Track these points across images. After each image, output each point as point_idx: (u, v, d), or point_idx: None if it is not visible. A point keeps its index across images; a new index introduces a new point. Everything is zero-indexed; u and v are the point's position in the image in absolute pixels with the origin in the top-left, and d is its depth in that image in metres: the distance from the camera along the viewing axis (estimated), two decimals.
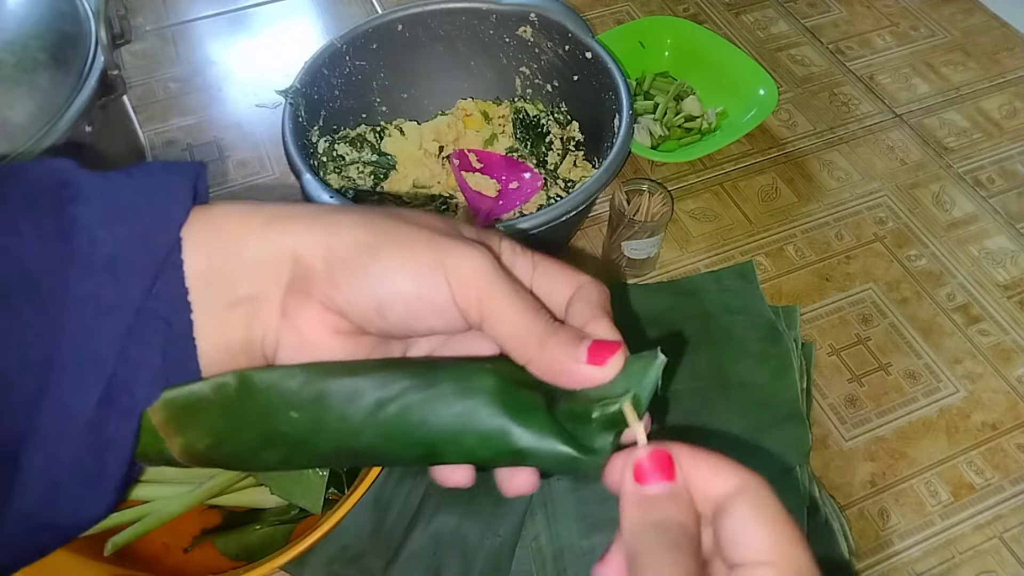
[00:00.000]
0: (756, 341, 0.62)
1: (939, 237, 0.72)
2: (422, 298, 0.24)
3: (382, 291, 0.24)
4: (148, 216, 0.24)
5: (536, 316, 0.25)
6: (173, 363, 0.24)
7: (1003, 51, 0.89)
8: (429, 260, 0.24)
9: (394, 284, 0.24)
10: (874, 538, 0.55)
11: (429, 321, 0.25)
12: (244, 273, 0.25)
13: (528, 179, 0.68)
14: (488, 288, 0.24)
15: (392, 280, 0.24)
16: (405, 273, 0.24)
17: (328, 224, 0.25)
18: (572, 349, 0.24)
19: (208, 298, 0.25)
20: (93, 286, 0.23)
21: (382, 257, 0.24)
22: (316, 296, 0.25)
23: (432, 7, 0.69)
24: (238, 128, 0.80)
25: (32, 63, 0.52)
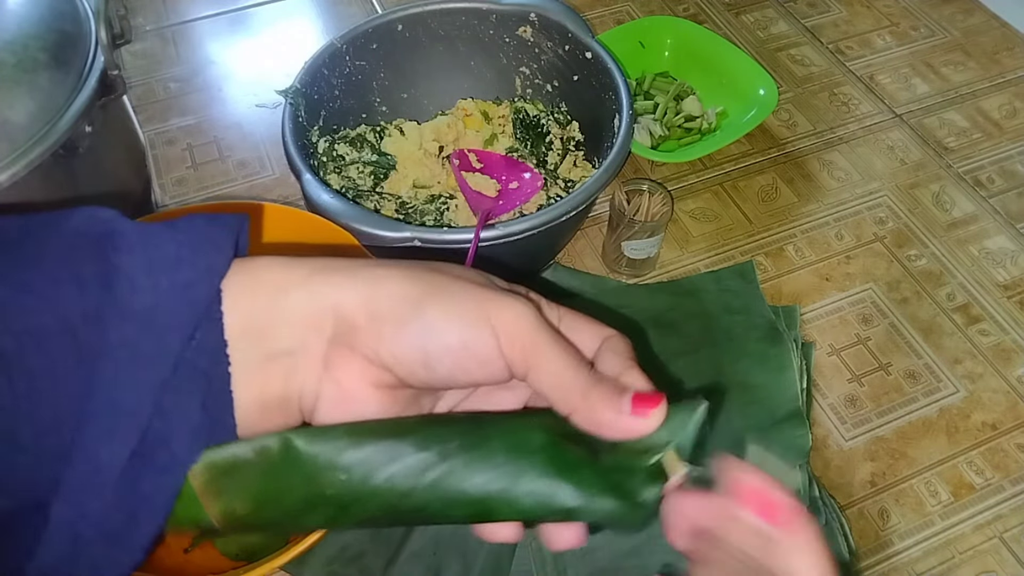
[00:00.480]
0: (756, 341, 0.62)
1: (939, 237, 0.72)
2: (468, 350, 0.25)
3: (429, 344, 0.24)
4: (189, 268, 0.24)
5: (579, 367, 0.25)
6: (211, 418, 0.24)
7: (1003, 51, 0.89)
8: (475, 312, 0.25)
9: (441, 337, 0.24)
10: (874, 538, 0.55)
11: (474, 373, 0.25)
12: (285, 327, 0.25)
13: (528, 179, 0.68)
14: (533, 339, 0.25)
15: (439, 333, 0.24)
16: (452, 325, 0.24)
17: (370, 278, 0.25)
18: (616, 400, 0.24)
19: (247, 352, 0.24)
20: (132, 334, 0.22)
21: (428, 310, 0.24)
22: (360, 350, 0.25)
23: (432, 7, 0.69)
24: (238, 128, 0.80)
25: (32, 63, 0.52)
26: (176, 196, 0.74)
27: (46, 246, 0.23)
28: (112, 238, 0.23)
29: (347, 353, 0.25)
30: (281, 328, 0.25)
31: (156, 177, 0.75)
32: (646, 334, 0.63)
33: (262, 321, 0.25)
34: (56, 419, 0.22)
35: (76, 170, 0.55)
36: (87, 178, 0.57)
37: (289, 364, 0.25)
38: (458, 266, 0.27)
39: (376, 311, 0.25)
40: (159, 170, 0.76)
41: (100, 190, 0.59)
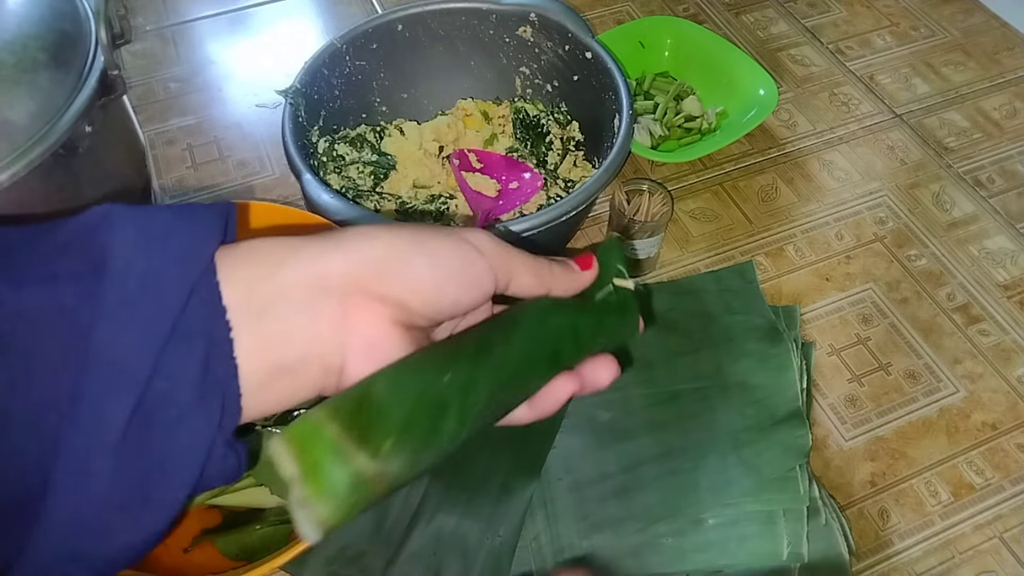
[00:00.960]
0: (756, 341, 0.62)
1: (939, 237, 0.72)
2: (467, 269, 0.28)
3: (437, 269, 0.27)
4: (180, 237, 0.24)
5: (539, 259, 0.31)
6: (213, 381, 0.24)
7: (1003, 51, 0.89)
8: (459, 242, 0.28)
9: (445, 260, 0.28)
10: (874, 538, 0.55)
11: (473, 292, 0.29)
12: (291, 291, 0.25)
13: (528, 179, 0.68)
14: (505, 250, 0.30)
15: (442, 258, 0.28)
16: (449, 251, 0.28)
17: (362, 234, 0.27)
18: (569, 267, 0.33)
19: (248, 319, 0.24)
20: (126, 296, 0.23)
21: (426, 244, 0.27)
22: (375, 292, 0.26)
23: (432, 7, 0.69)
24: (238, 128, 0.80)
25: (32, 63, 0.52)
26: (176, 196, 0.74)
27: (44, 244, 0.23)
28: (107, 217, 0.24)
29: (361, 301, 0.26)
30: (286, 294, 0.25)
31: (156, 177, 0.75)
32: (646, 334, 0.63)
33: (263, 291, 0.25)
34: (53, 396, 0.22)
35: (76, 170, 0.55)
36: (87, 178, 0.57)
37: (300, 327, 0.25)
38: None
39: (379, 256, 0.27)
40: (159, 170, 0.76)
41: (100, 190, 0.59)
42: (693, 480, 0.55)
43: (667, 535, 0.53)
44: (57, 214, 0.57)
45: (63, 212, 0.57)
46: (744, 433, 0.57)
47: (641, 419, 0.58)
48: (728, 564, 0.52)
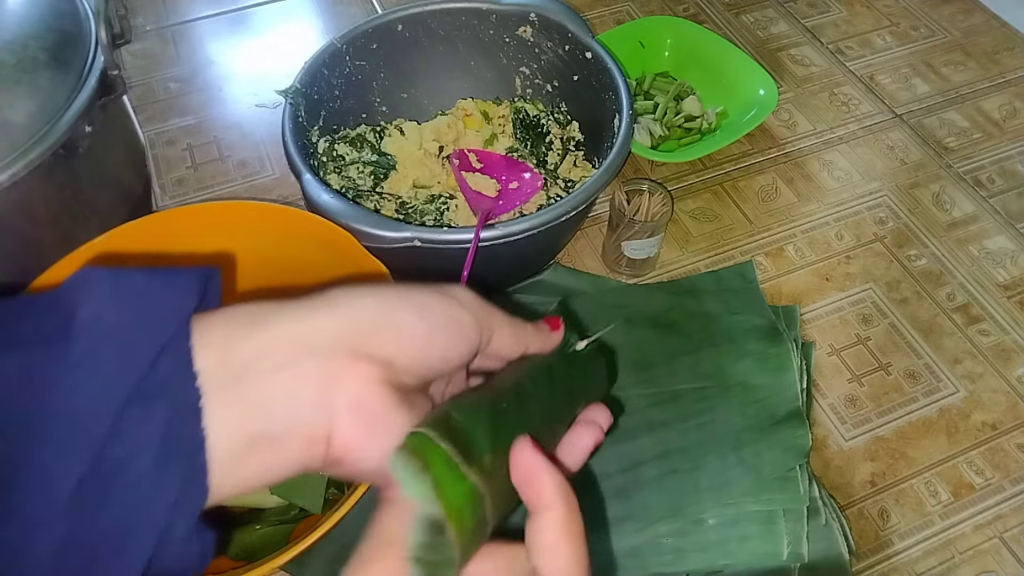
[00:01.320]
0: (756, 341, 0.62)
1: (939, 237, 0.72)
2: (453, 323, 0.28)
3: (424, 324, 0.27)
4: (155, 296, 0.23)
5: (515, 318, 0.31)
6: (178, 448, 0.22)
7: (1003, 51, 0.89)
8: (445, 297, 0.28)
9: (432, 312, 0.27)
10: (874, 538, 0.55)
11: (460, 346, 0.28)
12: (269, 354, 0.24)
13: (528, 179, 0.68)
14: (488, 307, 0.30)
15: (428, 312, 0.27)
16: (436, 307, 0.27)
17: (344, 296, 0.26)
18: (541, 328, 0.33)
19: (223, 385, 0.23)
20: (91, 350, 0.21)
21: (412, 300, 0.27)
22: (361, 353, 0.25)
23: (432, 7, 0.69)
24: (238, 128, 0.80)
25: (32, 63, 0.52)
26: (176, 196, 0.74)
27: (18, 308, 0.22)
28: (82, 277, 0.23)
29: (347, 361, 0.25)
30: (267, 354, 0.24)
31: (156, 177, 0.75)
32: (646, 334, 0.63)
33: (241, 352, 0.23)
34: (5, 455, 0.20)
35: (76, 170, 0.55)
36: (87, 178, 0.57)
37: (282, 390, 0.24)
38: None
39: (368, 313, 0.26)
40: (159, 170, 0.76)
41: (100, 190, 0.59)
42: (693, 480, 0.54)
43: (667, 535, 0.53)
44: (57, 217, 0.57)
45: (63, 212, 0.57)
46: (744, 433, 0.56)
47: (641, 419, 0.58)
48: (728, 564, 0.52)
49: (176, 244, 0.54)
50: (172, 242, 0.54)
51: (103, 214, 0.59)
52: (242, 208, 0.54)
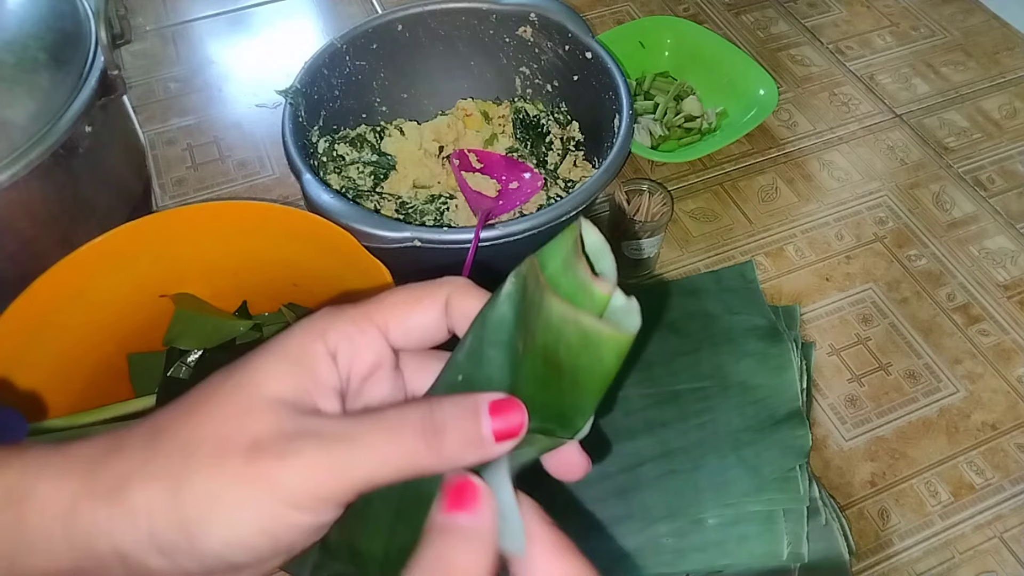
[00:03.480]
0: (756, 341, 0.62)
1: (939, 237, 0.72)
2: (265, 534, 0.21)
3: (219, 547, 0.21)
4: None
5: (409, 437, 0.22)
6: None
7: (1003, 51, 0.89)
8: (255, 487, 0.21)
9: (235, 534, 0.21)
10: (874, 538, 0.55)
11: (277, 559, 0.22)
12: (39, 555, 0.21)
13: (528, 179, 0.68)
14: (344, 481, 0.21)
15: (232, 532, 0.21)
16: (242, 518, 0.21)
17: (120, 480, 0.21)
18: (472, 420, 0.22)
19: None
20: None
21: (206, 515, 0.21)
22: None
23: (432, 7, 0.69)
24: (238, 128, 0.80)
25: (32, 63, 0.52)
26: (176, 196, 0.74)
27: None
28: None
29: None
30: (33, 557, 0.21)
31: (156, 177, 0.75)
32: (646, 334, 0.63)
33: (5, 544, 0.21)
34: None
35: (76, 170, 0.55)
36: (87, 178, 0.57)
37: None
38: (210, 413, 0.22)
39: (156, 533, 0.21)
40: (159, 170, 0.76)
41: (100, 190, 0.59)
42: (693, 480, 0.54)
43: (667, 535, 0.53)
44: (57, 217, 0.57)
45: (63, 212, 0.57)
46: (744, 433, 0.56)
47: (641, 419, 0.58)
48: (728, 564, 0.52)
49: (176, 244, 0.54)
50: (172, 242, 0.54)
51: (103, 214, 0.59)
52: (242, 208, 0.54)
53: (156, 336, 0.55)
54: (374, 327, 0.24)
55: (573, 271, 0.22)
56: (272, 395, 0.22)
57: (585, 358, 0.22)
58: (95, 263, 0.51)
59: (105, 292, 0.52)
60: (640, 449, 0.56)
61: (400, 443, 0.21)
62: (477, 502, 0.21)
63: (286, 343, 0.23)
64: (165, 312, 0.55)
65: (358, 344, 0.23)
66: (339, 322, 0.23)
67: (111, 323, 0.53)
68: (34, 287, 0.48)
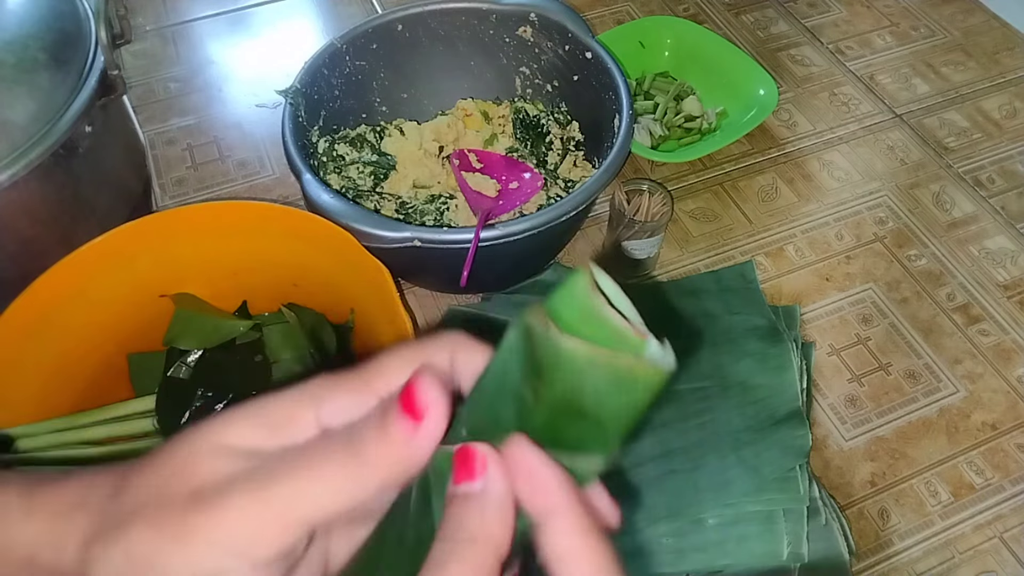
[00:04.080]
0: (756, 341, 0.62)
1: (939, 237, 0.72)
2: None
3: None
4: None
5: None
6: None
7: (1003, 51, 0.89)
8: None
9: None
10: (874, 538, 0.55)
11: None
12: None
13: (528, 179, 0.68)
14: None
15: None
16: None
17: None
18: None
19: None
20: None
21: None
22: None
23: (432, 7, 0.69)
24: (238, 128, 0.80)
25: (32, 63, 0.52)
26: (176, 196, 0.74)
27: None
28: None
29: None
30: None
31: (156, 177, 0.75)
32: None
33: None
34: None
35: (76, 170, 0.55)
36: (87, 178, 0.57)
37: None
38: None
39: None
40: (159, 170, 0.76)
41: (100, 190, 0.59)
42: (693, 480, 0.54)
43: (667, 535, 0.53)
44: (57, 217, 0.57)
45: (63, 212, 0.57)
46: (744, 433, 0.56)
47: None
48: (728, 564, 0.52)
49: (176, 244, 0.54)
50: (172, 242, 0.54)
51: (103, 214, 0.59)
52: (242, 208, 0.54)
53: (156, 336, 0.55)
54: (377, 398, 0.22)
55: (598, 319, 0.21)
56: (224, 442, 0.20)
57: (616, 399, 0.21)
58: (95, 263, 0.51)
59: (105, 292, 0.52)
60: (640, 449, 0.56)
61: (327, 461, 0.20)
62: (482, 466, 0.20)
63: (268, 404, 0.21)
64: (165, 312, 0.55)
65: (354, 416, 0.22)
66: (338, 395, 0.22)
67: (111, 323, 0.53)
68: (34, 287, 0.48)
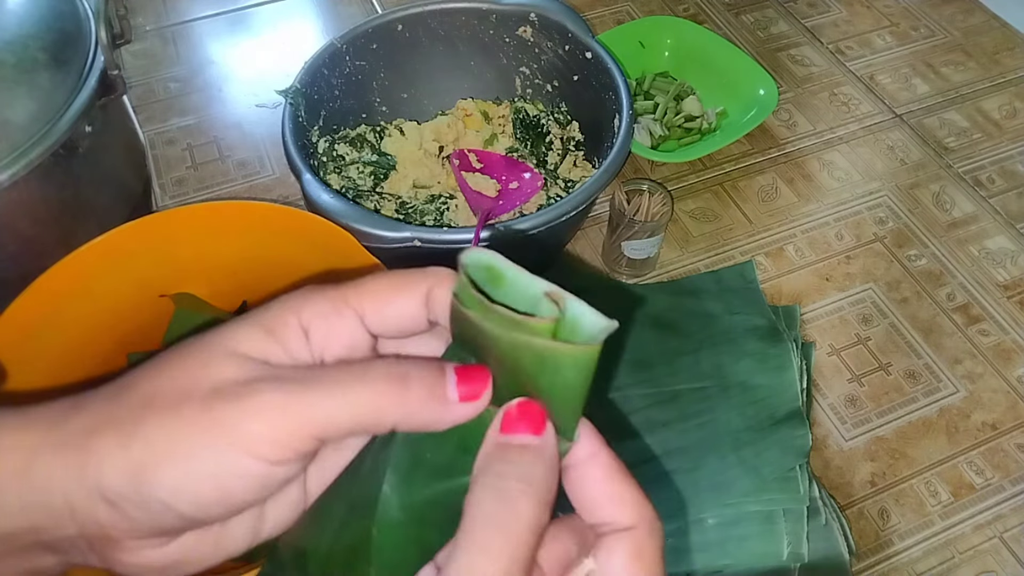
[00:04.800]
0: (756, 341, 0.62)
1: (939, 237, 0.72)
2: (233, 478, 0.21)
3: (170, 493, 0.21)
4: None
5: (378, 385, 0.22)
6: None
7: (1003, 51, 0.89)
8: (215, 439, 0.20)
9: (188, 480, 0.20)
10: (874, 538, 0.55)
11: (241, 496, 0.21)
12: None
13: (528, 179, 0.68)
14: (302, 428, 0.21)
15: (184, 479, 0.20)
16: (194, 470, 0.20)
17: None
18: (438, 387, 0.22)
19: None
20: None
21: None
22: (119, 534, 0.21)
23: (432, 7, 0.69)
24: (238, 128, 0.80)
25: (32, 63, 0.52)
26: (176, 196, 0.74)
27: None
28: None
29: (109, 545, 0.21)
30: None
31: (156, 177, 0.75)
32: (646, 334, 0.63)
33: None
34: None
35: (76, 170, 0.55)
36: (87, 178, 0.57)
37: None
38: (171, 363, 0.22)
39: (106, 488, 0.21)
40: (159, 170, 0.76)
41: (100, 190, 0.59)
42: (693, 480, 0.54)
43: (667, 535, 0.53)
44: (57, 217, 0.57)
45: (63, 212, 0.57)
46: (744, 433, 0.56)
47: (641, 419, 0.58)
48: (728, 564, 0.52)
49: (176, 244, 0.54)
50: (172, 242, 0.54)
51: (103, 214, 0.59)
52: (242, 208, 0.54)
53: (156, 336, 0.55)
54: (351, 310, 0.23)
55: (496, 314, 0.21)
56: (238, 350, 0.22)
57: (549, 379, 0.21)
58: (95, 263, 0.51)
59: (105, 292, 0.52)
60: (640, 449, 0.56)
61: (364, 385, 0.21)
62: (544, 422, 0.22)
63: (260, 314, 0.23)
64: (165, 312, 0.55)
65: (332, 324, 0.23)
66: (315, 300, 0.23)
67: (111, 322, 0.53)
68: (34, 287, 0.48)
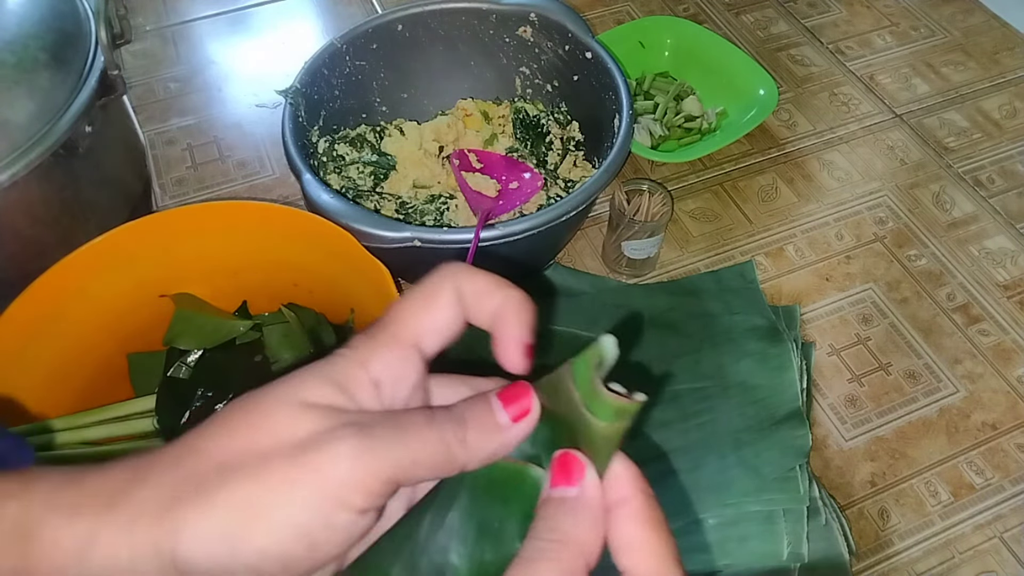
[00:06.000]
0: (756, 341, 0.62)
1: (939, 237, 0.72)
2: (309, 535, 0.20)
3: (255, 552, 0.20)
4: None
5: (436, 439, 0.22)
6: None
7: (1003, 51, 0.89)
8: (303, 491, 0.20)
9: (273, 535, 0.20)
10: (874, 538, 0.55)
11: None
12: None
13: (528, 179, 0.68)
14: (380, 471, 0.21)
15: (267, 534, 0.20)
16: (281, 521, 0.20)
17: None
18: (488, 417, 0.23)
19: None
20: None
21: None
22: None
23: (432, 7, 0.69)
24: (238, 128, 0.80)
25: (32, 63, 0.52)
26: (176, 196, 0.74)
27: None
28: None
29: None
30: None
31: (156, 177, 0.75)
32: (646, 334, 0.63)
33: None
34: None
35: (76, 170, 0.55)
36: (87, 178, 0.57)
37: None
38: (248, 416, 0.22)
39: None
40: (159, 170, 0.76)
41: (100, 190, 0.59)
42: (693, 480, 0.54)
43: None
44: (57, 217, 0.57)
45: (63, 212, 0.57)
46: (744, 433, 0.56)
47: (641, 419, 0.58)
48: (728, 564, 0.52)
49: (176, 244, 0.54)
50: (172, 242, 0.54)
51: (103, 214, 0.59)
52: (242, 208, 0.54)
53: (156, 336, 0.55)
54: (411, 347, 0.23)
55: (600, 398, 0.22)
56: (312, 402, 0.21)
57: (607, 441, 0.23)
58: (95, 263, 0.51)
59: (105, 292, 0.52)
60: (640, 449, 0.56)
61: (432, 430, 0.22)
62: (580, 473, 0.22)
63: (326, 368, 0.22)
64: (165, 312, 0.55)
65: (398, 371, 0.23)
66: (380, 352, 0.23)
67: (111, 323, 0.53)
68: (34, 287, 0.48)
